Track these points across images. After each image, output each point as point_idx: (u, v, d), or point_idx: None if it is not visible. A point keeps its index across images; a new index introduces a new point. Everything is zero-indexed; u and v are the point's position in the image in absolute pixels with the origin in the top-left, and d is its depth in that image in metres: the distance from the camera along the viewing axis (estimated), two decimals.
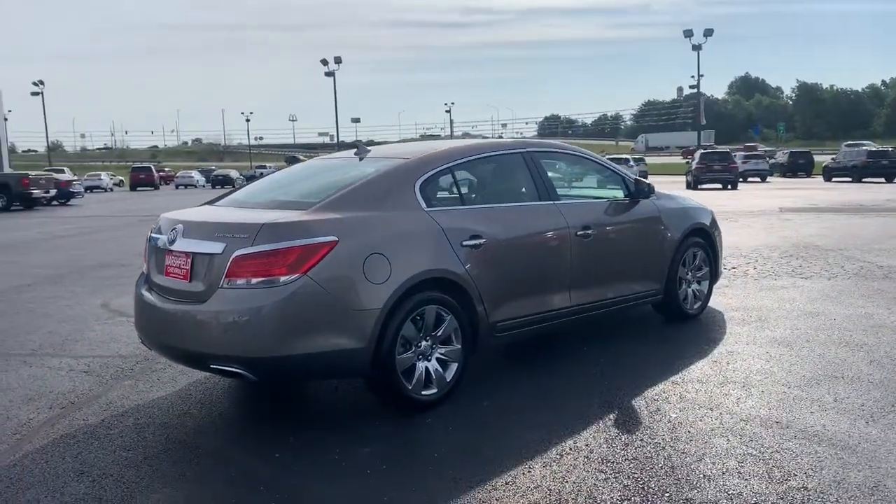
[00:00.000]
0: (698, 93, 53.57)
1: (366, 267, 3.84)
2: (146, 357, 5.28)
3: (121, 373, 5.03)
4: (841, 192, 24.39)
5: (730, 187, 30.30)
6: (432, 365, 4.15)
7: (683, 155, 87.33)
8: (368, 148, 5.04)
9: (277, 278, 3.66)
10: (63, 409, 4.33)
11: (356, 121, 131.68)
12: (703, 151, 34.42)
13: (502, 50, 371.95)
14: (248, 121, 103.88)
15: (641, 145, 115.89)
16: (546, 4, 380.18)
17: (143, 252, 4.73)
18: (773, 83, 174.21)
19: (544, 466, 3.38)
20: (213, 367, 3.82)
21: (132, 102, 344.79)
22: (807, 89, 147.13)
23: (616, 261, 5.32)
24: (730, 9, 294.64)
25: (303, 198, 4.33)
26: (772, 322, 5.91)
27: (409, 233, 4.14)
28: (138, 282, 4.50)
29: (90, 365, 5.23)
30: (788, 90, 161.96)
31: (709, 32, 49.94)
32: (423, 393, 4.09)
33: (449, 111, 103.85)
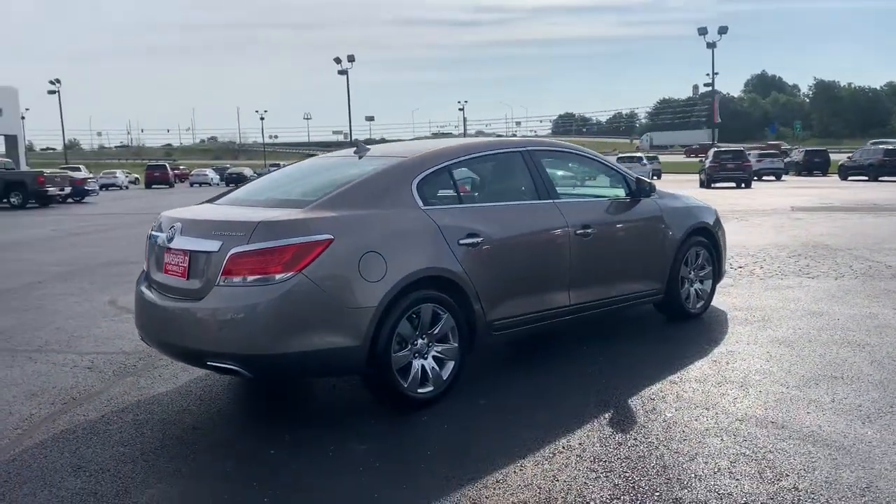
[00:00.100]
0: (713, 91, 53.21)
1: (361, 265, 3.86)
2: (149, 354, 5.33)
3: (123, 369, 5.09)
4: (856, 191, 24.17)
5: (743, 186, 30.13)
6: (428, 363, 4.16)
7: (686, 153, 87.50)
8: (368, 147, 5.06)
9: (273, 276, 3.69)
10: (65, 405, 4.39)
11: (370, 119, 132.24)
12: (717, 150, 34.21)
13: (514, 48, 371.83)
14: (263, 119, 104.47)
15: (646, 144, 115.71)
16: (557, 2, 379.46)
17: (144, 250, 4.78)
18: (790, 81, 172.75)
19: (536, 465, 3.39)
20: (209, 364, 3.86)
21: (148, 101, 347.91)
22: (824, 87, 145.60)
23: (616, 260, 5.31)
24: (746, 6, 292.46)
25: (300, 196, 4.36)
26: (775, 322, 5.88)
27: (406, 231, 4.15)
28: (139, 279, 4.55)
29: (94, 361, 5.29)
30: (805, 88, 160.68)
31: (723, 30, 49.62)
32: (419, 391, 4.10)
33: (462, 109, 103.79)
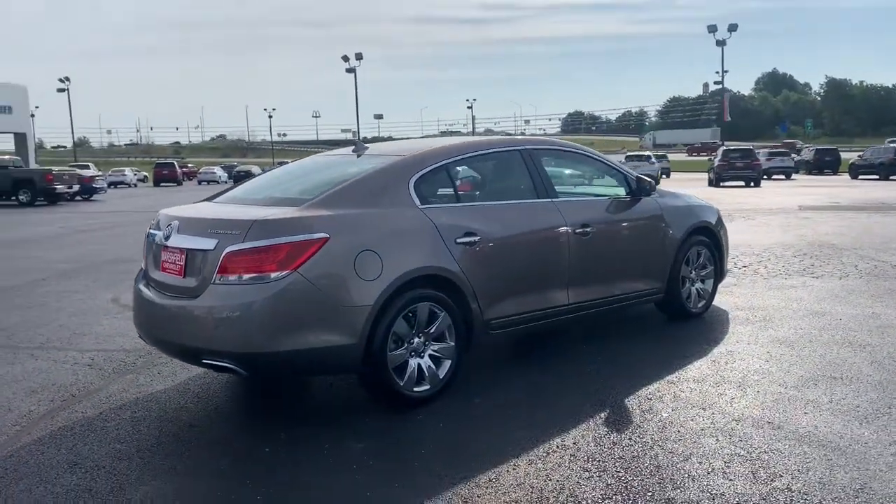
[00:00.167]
0: (722, 89, 53.00)
1: (357, 264, 3.86)
2: (149, 351, 5.35)
3: (123, 367, 5.11)
4: (866, 190, 24.02)
5: (752, 185, 29.97)
6: (425, 362, 4.16)
7: (688, 152, 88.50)
8: (366, 145, 5.07)
9: (268, 274, 3.70)
10: (64, 402, 4.41)
11: (379, 117, 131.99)
12: (726, 148, 34.09)
13: (524, 46, 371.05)
14: (271, 117, 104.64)
15: (649, 142, 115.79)
16: (566, 0, 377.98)
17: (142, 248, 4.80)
18: (802, 79, 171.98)
19: (529, 464, 3.39)
20: (204, 361, 3.87)
21: (157, 99, 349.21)
22: (836, 85, 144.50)
23: (616, 259, 5.30)
24: (758, 3, 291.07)
25: (297, 195, 4.36)
26: (776, 322, 5.84)
27: (402, 230, 4.15)
28: (137, 277, 4.57)
29: (94, 359, 5.32)
30: (817, 86, 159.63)
31: (733, 28, 49.45)
32: (416, 389, 4.10)
33: (471, 107, 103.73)
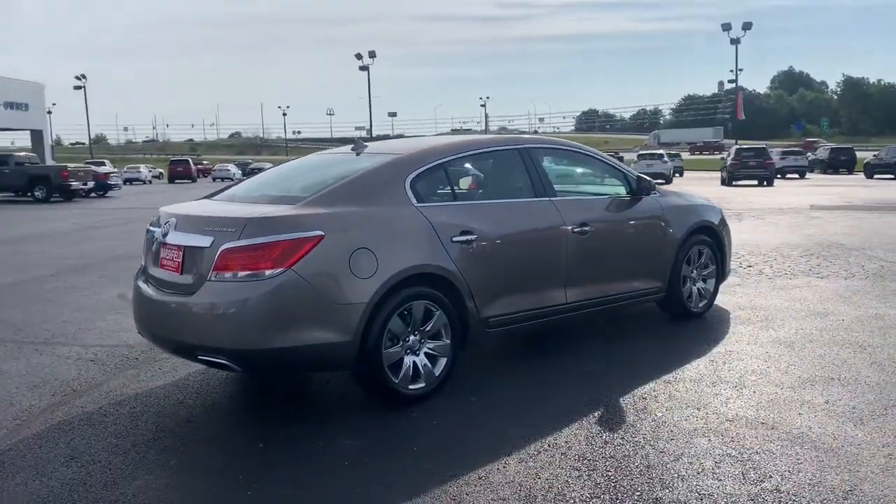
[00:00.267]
0: (736, 87, 52.67)
1: (352, 262, 3.88)
2: (151, 347, 5.38)
3: (125, 362, 5.17)
4: (880, 190, 23.81)
5: (765, 184, 29.78)
6: (420, 359, 4.18)
7: (691, 151, 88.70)
8: (366, 144, 5.09)
9: (263, 272, 3.73)
10: (64, 397, 4.47)
11: (393, 115, 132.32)
12: (738, 147, 33.91)
13: (538, 44, 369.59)
14: (285, 115, 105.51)
15: (654, 141, 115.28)
16: None
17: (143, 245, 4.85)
18: (818, 77, 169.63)
19: (520, 462, 3.40)
20: (200, 357, 3.91)
21: (173, 96, 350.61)
22: (852, 84, 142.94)
23: (615, 258, 5.29)
24: (774, 1, 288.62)
25: (294, 193, 4.39)
26: (777, 322, 5.82)
27: (398, 228, 4.17)
28: (137, 274, 4.62)
29: (97, 354, 5.38)
30: (833, 85, 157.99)
31: (747, 26, 49.18)
32: (411, 387, 4.12)
33: (484, 105, 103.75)
